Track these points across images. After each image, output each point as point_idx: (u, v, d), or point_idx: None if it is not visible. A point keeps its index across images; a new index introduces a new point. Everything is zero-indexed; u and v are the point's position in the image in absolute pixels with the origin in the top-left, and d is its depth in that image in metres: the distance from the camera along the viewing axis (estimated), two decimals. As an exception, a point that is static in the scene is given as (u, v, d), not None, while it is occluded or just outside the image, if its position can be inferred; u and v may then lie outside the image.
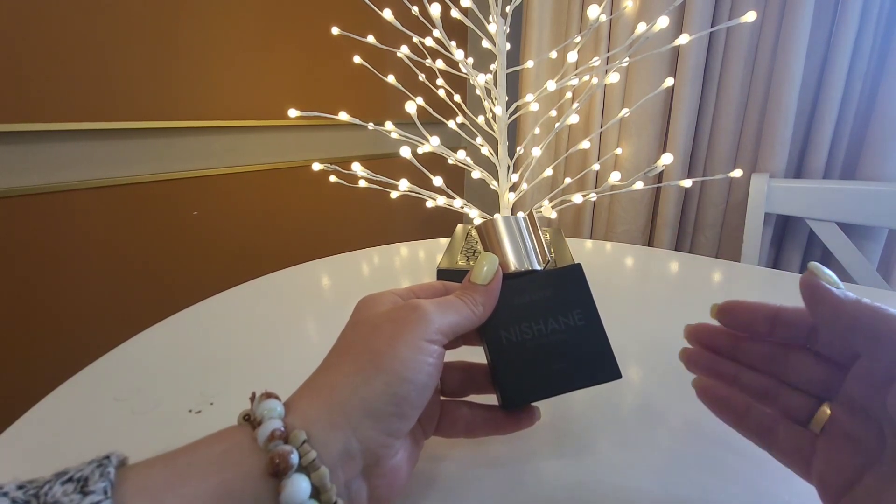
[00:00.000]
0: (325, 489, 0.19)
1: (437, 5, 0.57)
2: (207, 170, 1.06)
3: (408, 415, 0.22)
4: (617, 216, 1.24)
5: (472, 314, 0.25)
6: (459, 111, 0.68)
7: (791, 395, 0.24)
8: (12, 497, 0.15)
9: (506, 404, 0.27)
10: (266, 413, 0.20)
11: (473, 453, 0.30)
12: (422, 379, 0.22)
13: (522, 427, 0.28)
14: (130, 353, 0.43)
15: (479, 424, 0.28)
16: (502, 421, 0.28)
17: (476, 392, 0.29)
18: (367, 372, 0.21)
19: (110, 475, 0.17)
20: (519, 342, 0.27)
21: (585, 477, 0.28)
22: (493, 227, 0.29)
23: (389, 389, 0.21)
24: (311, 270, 0.65)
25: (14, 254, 0.82)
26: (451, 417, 0.28)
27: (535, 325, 0.27)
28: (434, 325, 0.23)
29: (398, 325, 0.23)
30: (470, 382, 0.29)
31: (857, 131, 1.00)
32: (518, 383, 0.26)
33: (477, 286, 0.26)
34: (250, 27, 1.08)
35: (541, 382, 0.27)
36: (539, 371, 0.27)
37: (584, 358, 0.27)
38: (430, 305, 0.24)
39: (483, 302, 0.26)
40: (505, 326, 0.27)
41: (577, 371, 0.27)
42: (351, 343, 0.24)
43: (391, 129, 0.62)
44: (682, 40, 0.55)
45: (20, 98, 0.79)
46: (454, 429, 0.28)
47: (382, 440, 0.21)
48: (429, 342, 0.23)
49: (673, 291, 0.61)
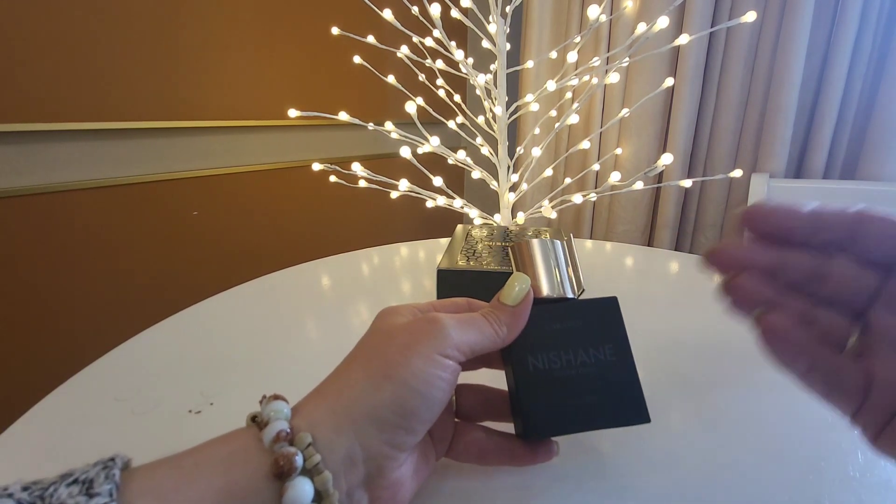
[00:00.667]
0: (327, 494, 0.19)
1: (437, 5, 0.57)
2: (207, 170, 1.06)
3: (414, 429, 0.21)
4: (617, 216, 1.24)
5: (495, 335, 0.24)
6: (459, 111, 0.68)
7: (831, 316, 0.20)
8: (17, 498, 0.15)
9: (526, 434, 0.25)
10: (273, 414, 0.20)
11: (486, 469, 0.28)
12: (432, 393, 0.21)
13: (539, 461, 0.26)
14: (130, 353, 0.43)
15: (493, 452, 0.26)
16: (519, 451, 0.26)
17: (493, 419, 0.28)
18: (376, 379, 0.21)
19: (115, 477, 0.17)
20: (546, 370, 0.25)
21: (585, 476, 0.28)
22: (528, 249, 0.28)
23: (397, 400, 0.20)
24: (311, 270, 0.65)
25: (14, 254, 0.82)
26: (465, 441, 0.26)
27: (563, 355, 0.26)
28: (452, 340, 0.22)
29: (414, 335, 0.22)
30: (488, 407, 0.28)
31: (857, 131, 1.00)
32: (541, 413, 0.25)
33: (505, 307, 0.25)
34: (250, 27, 1.08)
35: (564, 416, 0.25)
36: (564, 404, 0.25)
37: (613, 396, 0.25)
38: (449, 320, 0.23)
39: (508, 323, 0.25)
40: (532, 352, 0.26)
41: (604, 409, 0.25)
42: (365, 350, 0.23)
43: (391, 129, 0.62)
44: (682, 40, 0.55)
45: (20, 98, 0.79)
46: (467, 453, 0.27)
47: (386, 451, 0.21)
48: (443, 356, 0.22)
49: (673, 291, 0.61)
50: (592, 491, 0.27)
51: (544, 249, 0.28)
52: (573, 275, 0.29)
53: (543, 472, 0.28)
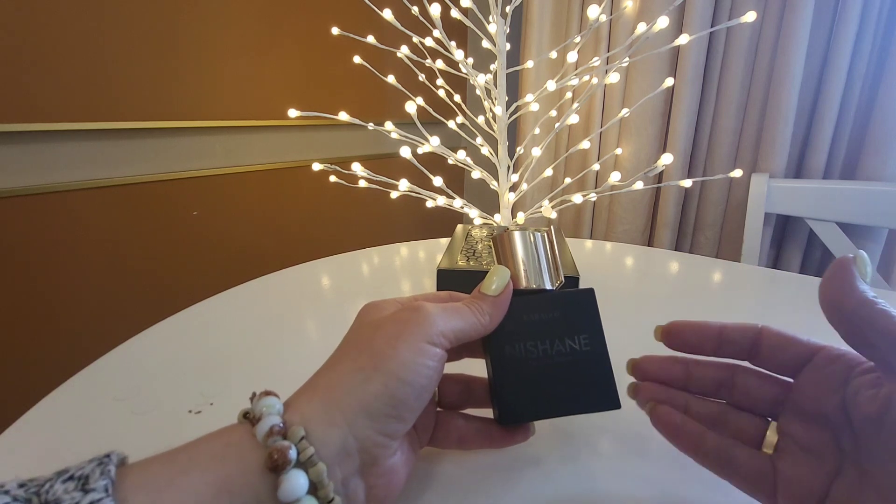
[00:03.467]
0: (322, 485, 0.19)
1: (437, 5, 0.57)
2: (207, 170, 1.06)
3: (405, 417, 0.22)
4: (617, 216, 1.24)
5: (478, 322, 0.25)
6: (459, 111, 0.68)
7: (742, 418, 0.24)
8: (13, 495, 0.15)
9: (503, 419, 0.27)
10: (265, 410, 0.20)
11: (472, 453, 0.30)
12: (421, 381, 0.22)
13: (517, 441, 0.28)
14: (130, 353, 0.43)
15: (472, 436, 0.28)
16: (496, 434, 0.28)
17: (473, 406, 0.29)
18: (366, 371, 0.21)
19: (111, 473, 0.17)
20: (522, 359, 0.27)
21: (584, 476, 0.28)
22: (509, 241, 0.29)
23: (387, 391, 0.21)
24: (311, 270, 0.65)
25: (14, 254, 0.82)
26: (446, 428, 0.28)
27: (540, 345, 0.27)
28: (437, 328, 0.23)
29: (400, 325, 0.23)
30: (468, 395, 0.29)
31: (857, 131, 1.00)
32: (517, 400, 0.26)
33: (486, 296, 0.26)
34: (250, 27, 1.08)
35: (539, 402, 0.27)
36: (539, 391, 0.27)
37: (586, 384, 0.27)
38: (433, 308, 0.24)
39: (490, 312, 0.26)
40: (510, 342, 0.27)
41: (577, 396, 0.27)
42: (353, 343, 0.24)
43: (391, 129, 0.62)
44: (682, 40, 0.55)
45: (20, 98, 0.79)
46: (448, 440, 0.28)
47: (379, 440, 0.21)
48: (430, 345, 0.22)
49: (673, 291, 0.61)
50: (592, 492, 0.27)
51: (525, 242, 0.29)
52: (553, 267, 0.30)
53: (523, 454, 0.29)
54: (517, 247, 0.29)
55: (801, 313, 0.50)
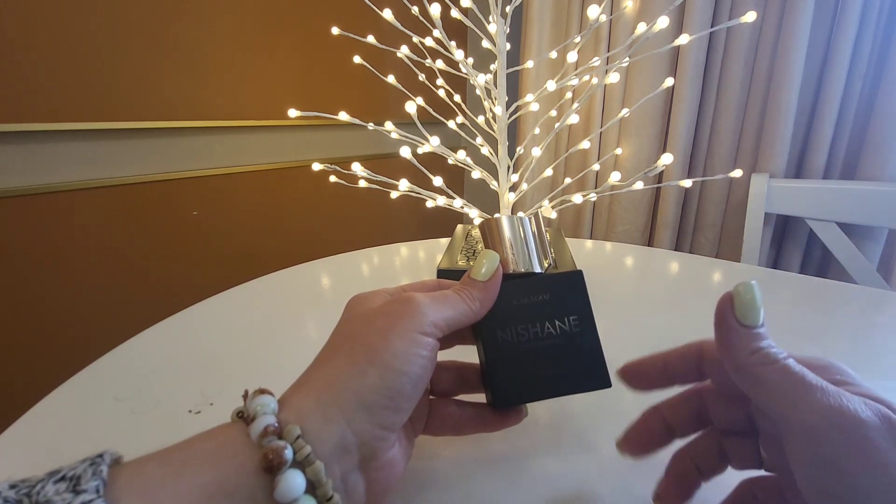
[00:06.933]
0: (320, 483, 0.19)
1: (437, 5, 0.57)
2: (207, 170, 1.06)
3: (402, 407, 0.22)
4: (617, 216, 1.24)
5: (469, 309, 0.25)
6: (459, 111, 0.68)
7: (734, 443, 0.24)
8: (5, 496, 0.15)
9: (496, 403, 0.27)
10: (259, 409, 0.20)
11: (471, 449, 0.30)
12: (416, 371, 0.22)
13: (509, 424, 0.28)
14: (130, 353, 0.43)
15: (466, 422, 0.28)
16: (490, 418, 0.28)
17: (467, 392, 0.29)
18: (361, 365, 0.21)
19: (103, 473, 0.16)
20: (514, 343, 0.27)
21: (584, 474, 0.28)
22: (497, 226, 0.29)
23: (383, 383, 0.21)
24: (311, 270, 0.65)
25: (14, 254, 0.82)
26: (440, 416, 0.28)
27: (531, 328, 0.27)
28: (428, 318, 0.23)
29: (391, 317, 0.23)
30: (461, 382, 0.29)
31: (857, 131, 1.00)
32: (509, 384, 0.27)
33: (476, 282, 0.26)
34: (250, 27, 1.08)
35: (532, 385, 0.27)
36: (531, 373, 0.27)
37: (576, 365, 0.27)
38: (424, 298, 0.24)
39: (480, 298, 0.26)
40: (501, 326, 0.27)
41: (568, 377, 0.27)
42: (344, 337, 0.24)
43: (391, 129, 0.62)
44: (682, 40, 0.55)
45: (20, 98, 0.79)
46: (443, 427, 0.28)
47: (377, 433, 0.21)
48: (423, 334, 0.22)
49: (673, 291, 0.61)
50: (591, 490, 0.27)
51: (512, 225, 0.29)
52: (541, 250, 0.30)
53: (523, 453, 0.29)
54: (504, 231, 0.29)
55: (801, 313, 0.50)
